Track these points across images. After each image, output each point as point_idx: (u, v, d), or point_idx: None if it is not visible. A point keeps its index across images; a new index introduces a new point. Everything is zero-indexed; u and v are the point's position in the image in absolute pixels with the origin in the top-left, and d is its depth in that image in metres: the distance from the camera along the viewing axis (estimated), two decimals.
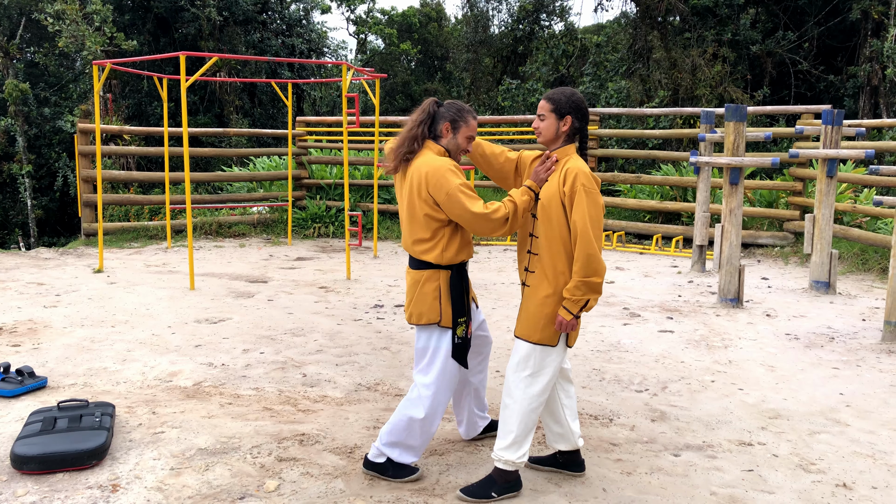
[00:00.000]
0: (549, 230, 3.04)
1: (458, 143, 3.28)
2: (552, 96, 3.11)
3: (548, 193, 3.05)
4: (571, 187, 2.97)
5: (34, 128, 15.02)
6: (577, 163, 3.03)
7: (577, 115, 3.10)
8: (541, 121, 3.13)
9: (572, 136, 3.14)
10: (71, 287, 7.39)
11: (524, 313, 3.12)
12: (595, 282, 2.95)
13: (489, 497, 3.08)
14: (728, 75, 14.00)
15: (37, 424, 3.50)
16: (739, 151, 6.96)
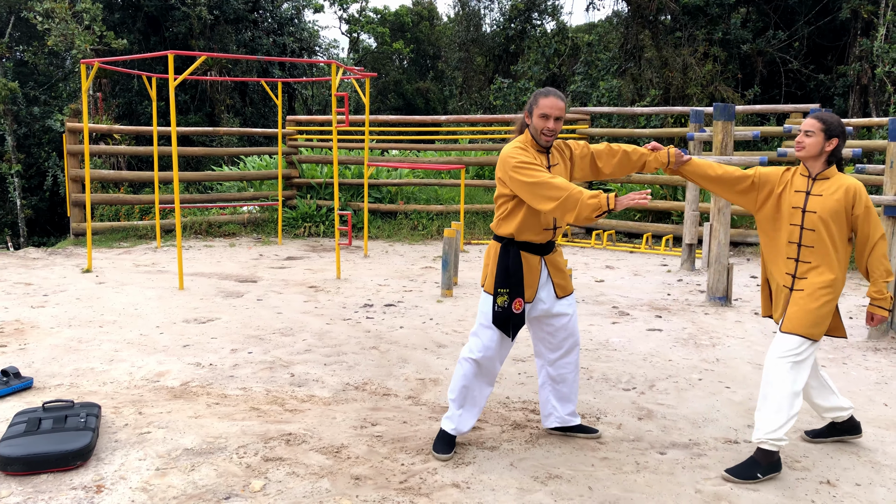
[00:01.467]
0: (829, 240, 3.35)
1: (535, 125, 3.44)
2: (823, 118, 3.40)
3: (828, 207, 3.34)
4: (866, 204, 3.36)
5: (23, 127, 14.95)
6: (854, 180, 3.39)
7: (843, 138, 3.41)
8: (807, 136, 3.41)
9: (832, 155, 3.42)
10: (59, 287, 7.36)
11: (803, 311, 3.36)
12: (892, 280, 3.42)
13: (755, 477, 3.32)
14: (719, 74, 14.05)
15: (21, 425, 3.48)
16: (728, 150, 6.98)
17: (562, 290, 3.63)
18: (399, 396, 4.40)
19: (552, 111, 3.40)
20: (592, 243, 10.75)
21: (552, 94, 3.44)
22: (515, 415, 4.10)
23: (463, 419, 3.59)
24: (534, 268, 3.52)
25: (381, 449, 3.61)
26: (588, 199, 3.16)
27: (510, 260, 3.46)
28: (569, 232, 11.31)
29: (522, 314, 3.49)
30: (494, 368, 3.57)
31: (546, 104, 3.41)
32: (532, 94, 3.52)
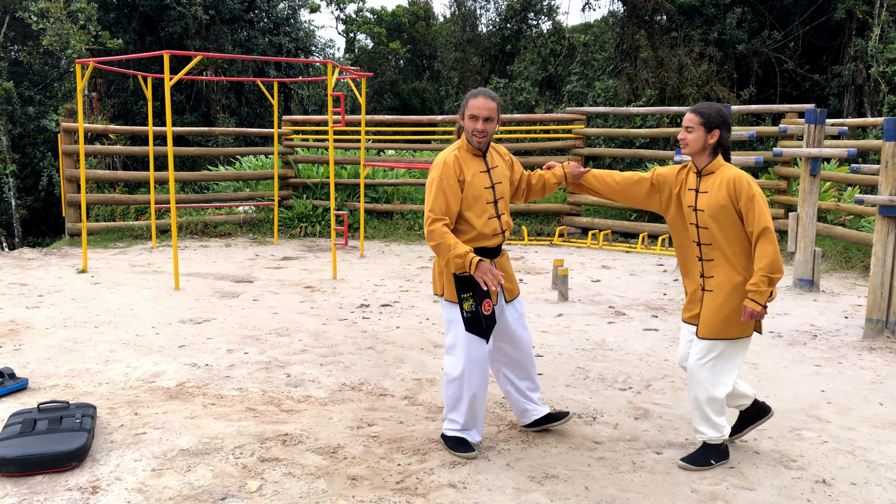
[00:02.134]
0: (723, 236, 3.31)
1: (466, 127, 3.45)
2: (701, 110, 3.35)
3: (714, 203, 3.29)
4: (747, 195, 3.24)
5: (18, 127, 14.90)
6: (736, 170, 3.30)
7: (725, 128, 3.34)
8: (688, 132, 3.36)
9: (717, 147, 3.37)
10: (54, 287, 7.34)
11: (714, 315, 3.35)
12: (777, 277, 3.23)
13: (709, 464, 3.43)
14: (714, 74, 14.07)
15: (16, 426, 3.47)
16: None
17: (510, 293, 3.64)
18: (395, 396, 4.40)
19: (481, 112, 3.38)
20: (588, 243, 10.76)
21: (482, 94, 3.41)
22: (511, 415, 4.10)
23: (473, 433, 3.60)
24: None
25: (377, 449, 3.60)
26: (454, 257, 3.28)
27: None
28: (564, 232, 11.32)
29: (493, 314, 3.49)
30: (482, 374, 3.51)
31: (475, 105, 3.39)
32: (465, 97, 3.49)
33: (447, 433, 3.61)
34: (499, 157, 3.61)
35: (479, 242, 3.46)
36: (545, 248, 10.59)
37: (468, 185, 3.41)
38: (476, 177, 3.45)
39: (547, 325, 6.12)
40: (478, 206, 3.43)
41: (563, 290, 7.01)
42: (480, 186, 3.45)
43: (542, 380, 4.71)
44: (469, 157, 3.47)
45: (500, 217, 3.53)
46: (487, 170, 3.49)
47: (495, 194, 3.50)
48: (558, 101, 17.31)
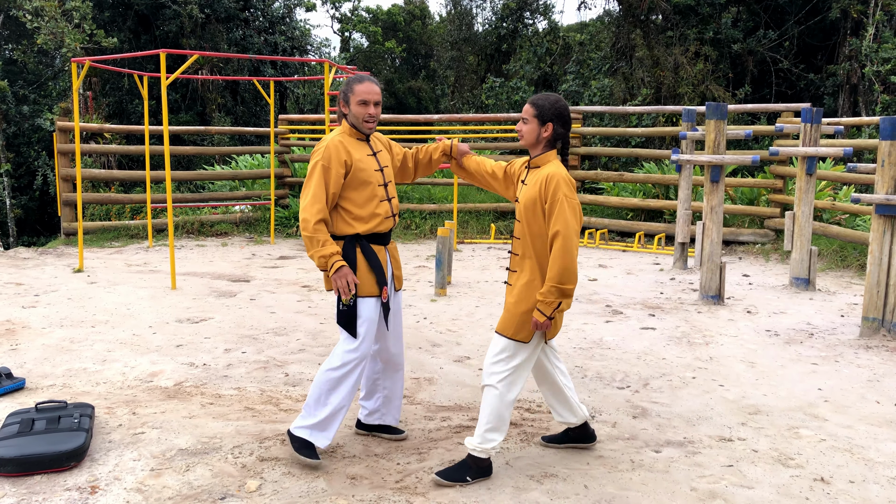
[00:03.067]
0: (528, 232, 3.19)
1: (355, 113, 3.39)
2: (536, 101, 3.22)
3: (528, 197, 3.18)
4: (553, 196, 3.08)
5: (13, 126, 14.85)
6: (557, 169, 3.14)
7: (560, 121, 3.21)
8: (524, 124, 3.24)
9: (553, 142, 3.24)
10: (50, 287, 7.31)
11: (505, 310, 3.26)
12: (568, 288, 3.08)
13: (464, 480, 3.23)
14: (710, 73, 14.10)
15: (14, 426, 3.46)
16: (720, 149, 7.01)
17: (398, 281, 3.61)
18: None
19: (370, 96, 3.35)
20: (585, 242, 10.77)
21: (367, 79, 3.38)
22: (513, 414, 4.10)
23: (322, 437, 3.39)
24: (383, 259, 3.49)
25: (376, 448, 3.60)
26: (319, 256, 3.27)
27: (364, 251, 3.41)
28: None
29: (388, 303, 3.48)
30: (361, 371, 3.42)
31: (363, 90, 3.35)
32: (345, 83, 3.43)
33: (296, 431, 3.40)
34: (379, 143, 3.59)
35: (373, 227, 3.40)
36: None
37: (357, 168, 3.36)
38: (365, 160, 3.41)
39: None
40: (369, 189, 3.39)
41: None
42: (370, 169, 3.41)
43: None
44: (353, 141, 3.43)
45: (391, 200, 3.50)
46: (373, 153, 3.47)
47: (384, 177, 3.48)
48: None
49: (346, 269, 3.27)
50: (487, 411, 3.22)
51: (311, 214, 3.28)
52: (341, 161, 3.32)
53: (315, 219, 3.27)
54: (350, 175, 3.36)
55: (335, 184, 3.32)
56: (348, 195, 3.38)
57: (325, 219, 3.30)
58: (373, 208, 3.40)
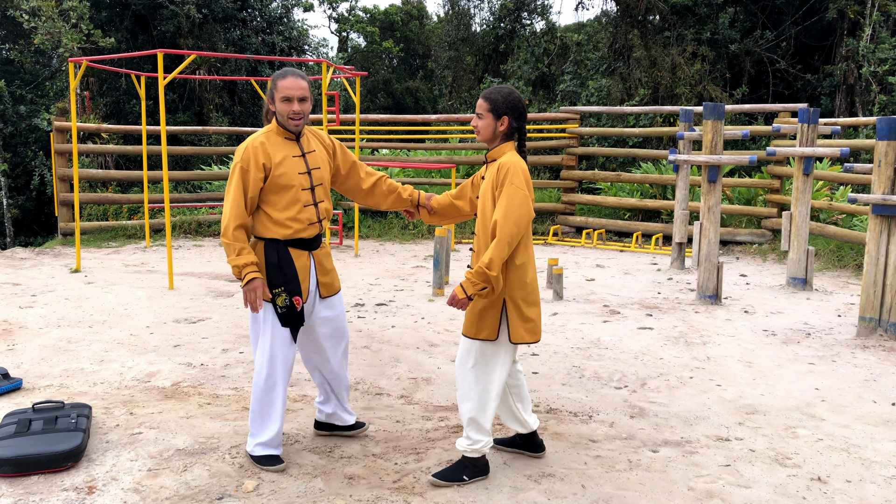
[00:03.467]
0: (483, 225, 3.14)
1: (280, 111, 3.24)
2: (490, 95, 3.16)
3: (484, 189, 3.16)
4: (502, 182, 3.06)
5: (10, 126, 14.81)
6: (513, 158, 3.12)
7: (514, 114, 3.17)
8: (479, 119, 3.19)
9: (510, 135, 3.20)
10: (47, 287, 7.30)
11: (468, 310, 3.20)
12: (492, 275, 3.01)
13: (461, 480, 3.22)
14: (707, 74, 14.11)
15: (11, 426, 3.45)
16: (717, 149, 7.02)
17: (326, 289, 3.44)
18: (392, 396, 4.40)
19: (294, 92, 3.19)
20: (582, 242, 10.78)
21: (290, 73, 3.22)
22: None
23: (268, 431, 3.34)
24: (304, 266, 3.33)
25: (374, 448, 3.60)
26: (234, 265, 3.17)
27: (279, 257, 3.26)
28: (559, 231, 11.34)
29: (302, 313, 3.31)
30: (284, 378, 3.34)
31: (286, 86, 3.19)
32: (271, 79, 3.28)
33: (254, 452, 3.35)
34: (317, 142, 3.41)
35: (295, 233, 3.26)
36: (539, 248, 10.61)
37: (277, 170, 3.21)
38: (288, 162, 3.24)
39: (542, 323, 6.12)
40: (291, 193, 3.23)
41: (557, 289, 7.02)
42: (294, 172, 3.24)
43: (538, 378, 4.72)
44: (280, 141, 3.27)
45: (318, 205, 3.33)
46: (302, 154, 3.30)
47: (312, 180, 3.30)
48: (552, 100, 17.33)
49: (258, 282, 3.16)
50: (465, 413, 3.21)
51: (229, 220, 3.17)
52: (259, 164, 3.18)
53: (233, 225, 3.17)
54: (269, 178, 3.21)
55: (253, 187, 3.18)
56: (267, 199, 3.23)
57: (243, 224, 3.19)
58: (293, 213, 3.24)
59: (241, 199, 3.18)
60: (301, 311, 3.30)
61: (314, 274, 3.38)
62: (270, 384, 3.31)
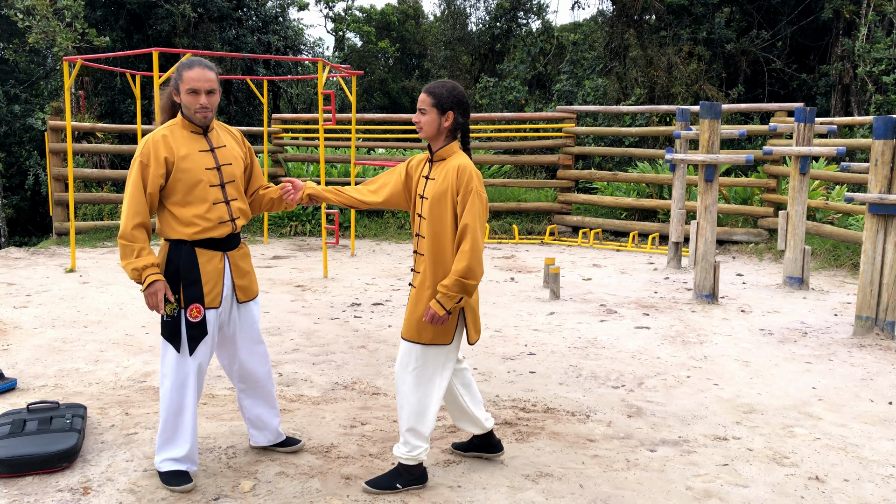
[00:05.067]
0: (435, 229, 3.02)
1: (186, 103, 3.06)
2: (433, 90, 3.03)
3: (437, 192, 3.01)
4: (466, 188, 2.96)
5: (4, 125, 14.75)
6: (466, 161, 3.04)
7: (459, 109, 3.05)
8: (422, 115, 3.06)
9: (454, 131, 3.10)
10: (42, 287, 7.27)
11: (409, 314, 3.10)
12: (472, 284, 2.95)
13: (394, 488, 3.13)
14: (703, 73, 14.12)
15: (5, 427, 3.43)
16: (714, 149, 7.02)
17: (244, 293, 3.23)
18: (388, 395, 4.38)
19: (201, 84, 3.01)
20: (579, 241, 10.77)
21: (197, 64, 3.04)
22: (505, 413, 4.09)
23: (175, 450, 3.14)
24: (216, 269, 3.11)
25: (371, 448, 3.59)
26: (132, 268, 2.96)
27: (182, 259, 3.05)
28: (555, 230, 11.33)
29: (203, 323, 3.07)
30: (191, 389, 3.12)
31: (192, 77, 3.01)
32: (175, 69, 3.11)
33: (162, 468, 3.13)
34: (228, 137, 3.24)
35: (202, 232, 3.06)
36: (536, 247, 10.60)
37: (181, 165, 3.02)
38: (194, 156, 3.06)
39: (539, 323, 6.12)
40: (198, 189, 3.04)
41: (554, 289, 7.01)
42: (200, 167, 3.05)
43: (535, 378, 4.71)
44: (186, 135, 3.08)
45: (230, 203, 3.13)
46: (211, 149, 3.11)
47: (222, 177, 3.12)
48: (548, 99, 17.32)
49: (159, 283, 2.96)
50: (404, 419, 3.11)
51: (127, 219, 2.97)
52: (160, 158, 2.99)
53: (131, 224, 2.96)
54: (172, 174, 3.02)
55: (153, 183, 2.99)
56: (172, 196, 3.04)
57: (143, 223, 2.99)
58: (200, 211, 3.05)
59: (140, 196, 2.98)
60: (200, 322, 3.06)
61: (229, 277, 3.17)
62: (175, 407, 3.10)
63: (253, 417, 3.43)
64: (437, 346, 3.08)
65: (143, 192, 2.99)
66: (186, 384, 3.11)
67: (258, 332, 3.35)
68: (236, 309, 3.24)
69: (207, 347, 3.13)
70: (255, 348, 3.33)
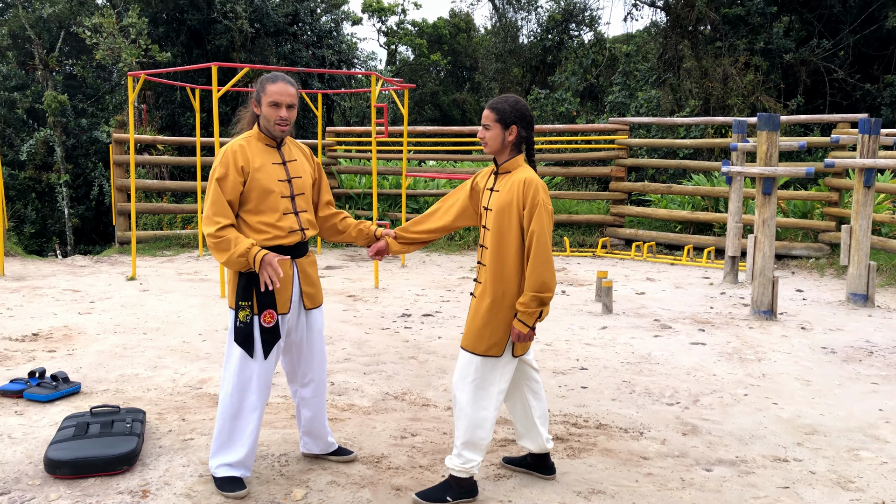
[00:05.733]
0: (498, 240, 3.06)
1: (266, 115, 3.18)
2: (496, 105, 3.10)
3: (502, 203, 3.05)
4: (533, 201, 2.99)
5: (72, 138, 15.34)
6: (532, 174, 3.07)
7: (523, 123, 3.10)
8: (486, 130, 3.12)
9: (519, 145, 3.15)
10: (105, 294, 7.51)
11: (469, 324, 3.13)
12: (547, 296, 2.98)
13: (445, 500, 3.11)
14: (760, 84, 13.81)
15: (70, 429, 3.54)
16: (772, 161, 6.85)
17: (311, 300, 3.32)
18: (438, 407, 4.38)
19: (283, 98, 3.13)
20: (632, 255, 10.62)
21: (281, 79, 3.16)
22: (557, 428, 4.05)
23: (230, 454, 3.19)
24: (285, 273, 3.19)
25: (421, 460, 3.59)
26: (237, 256, 3.02)
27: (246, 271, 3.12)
28: (608, 243, 11.19)
29: (276, 328, 3.16)
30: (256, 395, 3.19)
31: (275, 91, 3.13)
32: (258, 82, 3.22)
33: (217, 473, 3.19)
34: (299, 152, 3.36)
35: (273, 240, 3.16)
36: (587, 260, 10.49)
37: (256, 176, 3.13)
38: (267, 167, 3.17)
39: (591, 337, 6.04)
40: (270, 199, 3.14)
41: (607, 303, 6.92)
42: (273, 179, 3.16)
43: (588, 393, 4.65)
44: (261, 147, 3.21)
45: (300, 214, 3.23)
46: (283, 162, 3.23)
47: (292, 188, 3.22)
48: (600, 111, 17.18)
49: (269, 255, 3.03)
50: (460, 431, 3.12)
51: (211, 224, 3.06)
52: (238, 167, 3.11)
53: (216, 227, 3.05)
54: (247, 183, 3.13)
55: (232, 191, 3.11)
56: (246, 205, 3.16)
57: (228, 224, 3.08)
58: (271, 220, 3.15)
59: (221, 200, 3.09)
60: (274, 327, 3.15)
61: (297, 283, 3.26)
62: (234, 411, 3.17)
63: (308, 426, 3.48)
64: (493, 358, 3.08)
65: (223, 198, 3.11)
66: (248, 388, 3.17)
67: (321, 340, 3.41)
68: (304, 315, 3.32)
69: (279, 352, 3.24)
70: (317, 356, 3.39)
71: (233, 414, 3.18)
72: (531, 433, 3.33)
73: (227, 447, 3.20)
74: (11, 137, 15.48)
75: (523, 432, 3.35)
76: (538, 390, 3.34)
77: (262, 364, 3.17)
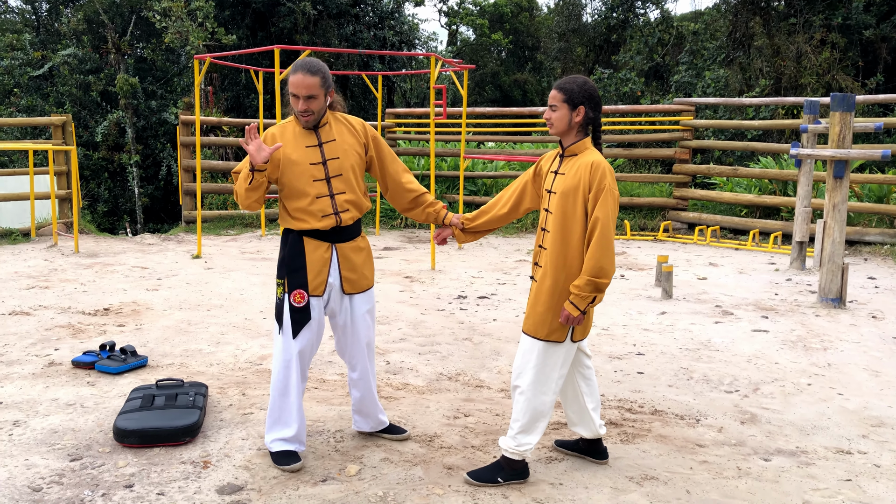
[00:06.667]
0: (561, 224, 3.02)
1: (291, 104, 3.20)
2: (564, 85, 3.03)
3: (567, 186, 3.01)
4: (599, 185, 2.94)
5: (142, 120, 15.86)
6: (598, 157, 3.01)
7: (591, 104, 3.03)
8: (552, 111, 3.06)
9: (586, 126, 3.08)
10: (171, 272, 7.77)
11: (531, 309, 3.11)
12: (604, 283, 2.93)
13: (495, 481, 3.13)
14: (837, 62, 13.23)
15: (137, 401, 3.70)
16: (845, 143, 6.57)
17: (350, 285, 3.30)
18: (492, 389, 4.40)
19: (300, 90, 3.08)
20: (695, 239, 10.37)
21: (301, 69, 3.09)
22: (611, 413, 4.01)
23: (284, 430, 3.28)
24: (322, 258, 3.22)
25: (473, 440, 3.61)
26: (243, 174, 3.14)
27: (289, 247, 3.21)
28: (670, 227, 10.96)
29: (307, 308, 3.19)
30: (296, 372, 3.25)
31: (293, 82, 3.09)
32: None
33: (272, 448, 3.29)
34: (344, 129, 3.30)
35: (306, 223, 3.19)
36: (648, 244, 10.30)
37: (288, 160, 3.17)
38: (300, 151, 3.19)
39: (649, 322, 5.95)
40: (301, 183, 3.17)
41: (667, 288, 6.79)
42: (305, 162, 3.18)
43: (644, 378, 4.59)
44: (298, 130, 3.23)
45: (336, 196, 3.21)
46: (319, 144, 3.21)
47: (327, 171, 3.20)
48: (665, 91, 16.77)
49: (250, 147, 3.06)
50: (518, 414, 3.12)
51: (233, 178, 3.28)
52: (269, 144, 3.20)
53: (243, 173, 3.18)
54: (280, 167, 3.19)
55: (270, 170, 3.18)
56: (282, 189, 3.23)
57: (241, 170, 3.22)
58: (303, 204, 3.18)
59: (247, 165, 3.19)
60: (304, 308, 3.19)
61: (336, 267, 3.27)
62: (282, 387, 3.26)
63: (358, 405, 3.55)
64: (554, 344, 3.07)
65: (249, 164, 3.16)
66: (290, 366, 3.24)
67: (366, 325, 3.39)
68: (346, 300, 3.34)
69: (311, 333, 3.25)
70: (361, 341, 3.40)
71: (281, 391, 3.27)
72: (584, 420, 3.32)
73: (280, 423, 3.29)
74: (86, 119, 16.10)
75: (576, 419, 3.34)
76: (590, 376, 3.32)
77: (296, 343, 3.22)
